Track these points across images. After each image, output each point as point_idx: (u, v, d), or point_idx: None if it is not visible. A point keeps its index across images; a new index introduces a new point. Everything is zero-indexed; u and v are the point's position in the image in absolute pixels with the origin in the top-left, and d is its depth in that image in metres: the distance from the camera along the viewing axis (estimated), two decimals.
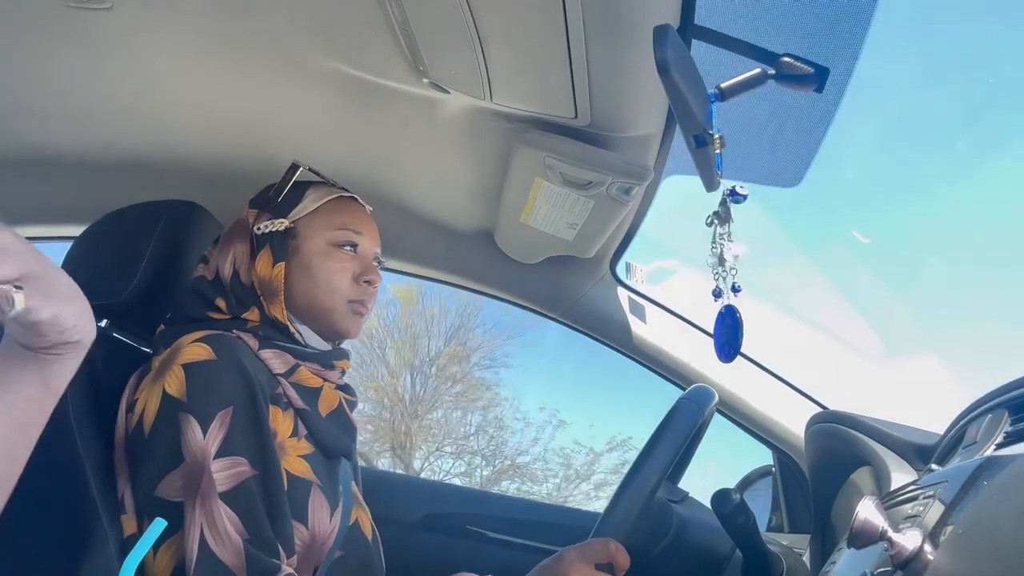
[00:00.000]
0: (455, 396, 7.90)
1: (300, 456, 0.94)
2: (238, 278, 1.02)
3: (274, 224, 1.03)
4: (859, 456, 0.99)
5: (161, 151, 1.21)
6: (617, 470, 7.41)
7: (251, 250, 1.03)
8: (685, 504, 1.02)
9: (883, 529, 0.55)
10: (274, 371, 0.96)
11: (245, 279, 1.01)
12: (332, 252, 1.03)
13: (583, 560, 0.86)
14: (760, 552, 0.91)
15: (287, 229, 1.03)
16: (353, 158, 1.23)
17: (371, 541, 1.04)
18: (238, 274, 1.02)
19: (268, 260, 1.01)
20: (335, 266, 1.03)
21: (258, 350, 0.96)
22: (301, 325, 1.03)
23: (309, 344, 1.03)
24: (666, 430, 0.96)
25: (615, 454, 7.45)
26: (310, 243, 1.03)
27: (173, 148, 1.21)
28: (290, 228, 1.03)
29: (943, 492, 0.58)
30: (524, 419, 7.96)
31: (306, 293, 1.02)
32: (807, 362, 1.60)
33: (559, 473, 7.60)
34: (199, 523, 0.82)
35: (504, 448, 7.69)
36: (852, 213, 10.27)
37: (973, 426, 0.76)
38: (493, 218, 1.33)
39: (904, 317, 12.52)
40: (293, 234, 1.03)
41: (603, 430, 7.95)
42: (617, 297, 1.49)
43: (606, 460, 7.54)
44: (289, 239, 1.03)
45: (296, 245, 1.03)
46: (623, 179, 1.05)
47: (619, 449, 7.42)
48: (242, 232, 1.04)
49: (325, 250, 1.03)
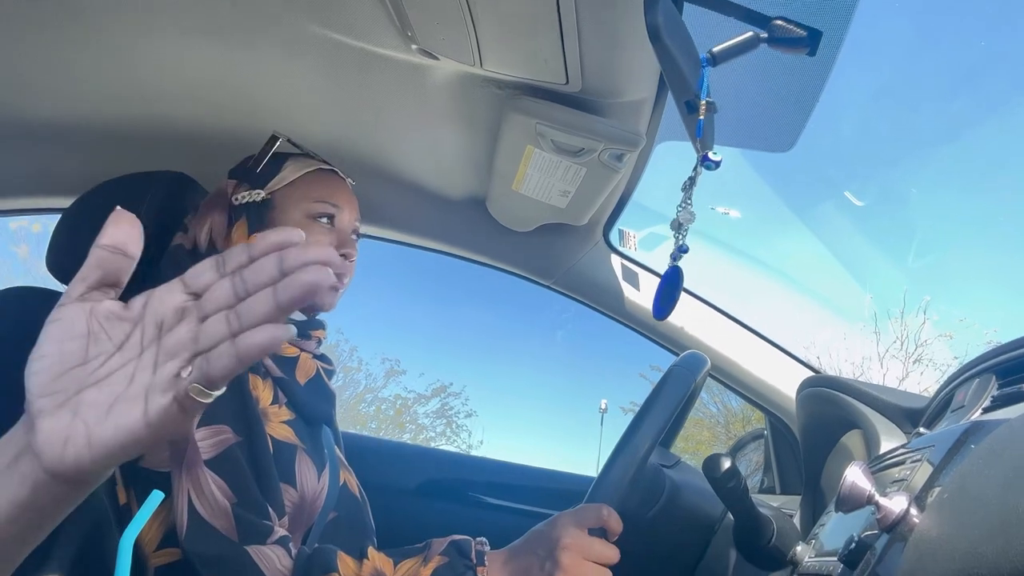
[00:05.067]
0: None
1: (282, 422, 0.96)
2: (214, 248, 1.03)
3: (252, 195, 1.04)
4: (849, 419, 1.00)
5: (149, 121, 1.20)
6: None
7: (228, 220, 1.04)
8: (677, 469, 1.03)
9: (870, 493, 0.56)
10: None
11: (221, 248, 1.02)
12: (308, 224, 1.04)
13: (576, 524, 0.87)
14: (751, 515, 0.92)
15: (264, 200, 1.04)
16: (342, 126, 1.21)
17: (360, 501, 1.06)
18: (214, 244, 1.03)
19: (244, 230, 1.02)
20: (311, 239, 1.03)
21: None
22: None
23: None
24: (659, 396, 0.96)
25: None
26: (287, 214, 1.03)
27: (161, 118, 1.19)
28: (267, 199, 1.04)
29: (930, 456, 0.59)
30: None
31: None
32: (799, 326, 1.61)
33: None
34: (186, 490, 0.83)
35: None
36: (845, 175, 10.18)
37: (961, 390, 0.76)
38: (485, 186, 1.32)
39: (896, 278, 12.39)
40: (270, 205, 1.04)
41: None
42: (610, 264, 1.49)
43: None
44: (266, 210, 1.03)
45: (273, 216, 1.03)
46: (615, 145, 1.04)
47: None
48: (220, 202, 1.05)
49: (301, 222, 1.03)
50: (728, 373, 1.49)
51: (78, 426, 0.42)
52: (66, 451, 0.42)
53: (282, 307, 0.42)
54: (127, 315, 0.45)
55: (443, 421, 13.36)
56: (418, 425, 13.28)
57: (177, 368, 0.43)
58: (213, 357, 0.42)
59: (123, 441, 0.42)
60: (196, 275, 0.45)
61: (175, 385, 0.42)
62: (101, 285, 0.45)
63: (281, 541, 0.85)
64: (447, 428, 13.29)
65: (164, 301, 0.45)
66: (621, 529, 0.89)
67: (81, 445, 0.42)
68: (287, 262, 0.42)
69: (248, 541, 0.83)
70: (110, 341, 0.44)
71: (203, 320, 0.43)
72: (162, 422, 0.42)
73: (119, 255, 0.45)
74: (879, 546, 0.55)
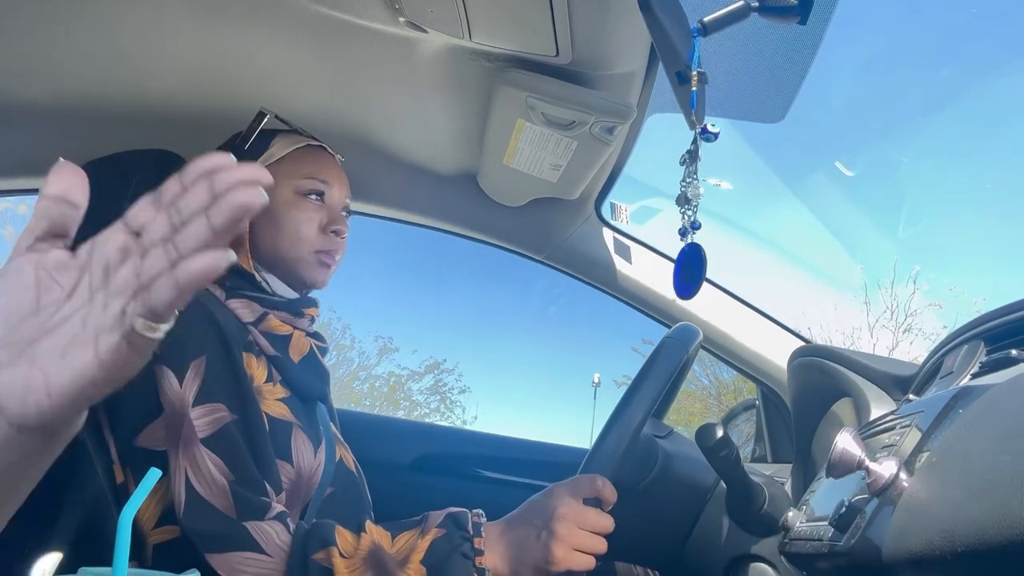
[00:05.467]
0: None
1: (277, 400, 0.96)
2: None
3: None
4: (840, 388, 1.01)
5: (134, 100, 1.18)
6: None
7: None
8: (670, 439, 1.05)
9: (860, 459, 0.57)
10: (243, 320, 0.98)
11: None
12: (298, 201, 1.03)
13: (572, 495, 0.88)
14: (743, 483, 0.94)
15: None
16: (330, 102, 1.20)
17: (357, 476, 1.07)
18: None
19: None
20: (301, 216, 1.03)
21: (225, 300, 0.98)
22: (268, 274, 1.04)
23: (277, 293, 1.04)
24: (651, 368, 0.97)
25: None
26: (276, 191, 1.02)
27: (146, 97, 1.18)
28: None
29: (919, 421, 0.60)
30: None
31: (272, 242, 1.02)
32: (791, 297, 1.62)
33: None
34: (183, 468, 0.84)
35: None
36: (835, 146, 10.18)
37: (950, 357, 0.77)
38: (475, 161, 1.32)
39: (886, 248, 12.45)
40: None
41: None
42: (602, 238, 1.49)
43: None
44: None
45: None
46: (606, 118, 1.04)
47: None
48: None
49: (291, 199, 1.03)
50: (720, 345, 1.50)
51: (36, 375, 0.42)
52: (27, 401, 0.42)
53: (217, 231, 0.41)
54: (74, 262, 0.45)
55: (437, 397, 13.44)
56: (412, 402, 13.36)
57: (122, 306, 0.43)
58: (154, 289, 0.42)
59: (80, 384, 0.42)
60: (135, 214, 0.45)
61: (122, 322, 0.42)
62: (48, 236, 0.45)
63: (279, 517, 0.86)
64: (441, 404, 13.38)
65: (108, 243, 0.44)
66: (615, 499, 0.90)
67: (41, 394, 0.42)
68: (217, 185, 0.42)
69: (246, 518, 0.83)
70: (60, 289, 0.44)
71: (144, 256, 0.43)
72: (114, 361, 0.42)
73: (63, 204, 0.45)
74: (869, 510, 0.56)
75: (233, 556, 0.81)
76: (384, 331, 16.94)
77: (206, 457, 0.85)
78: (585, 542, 0.86)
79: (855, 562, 0.56)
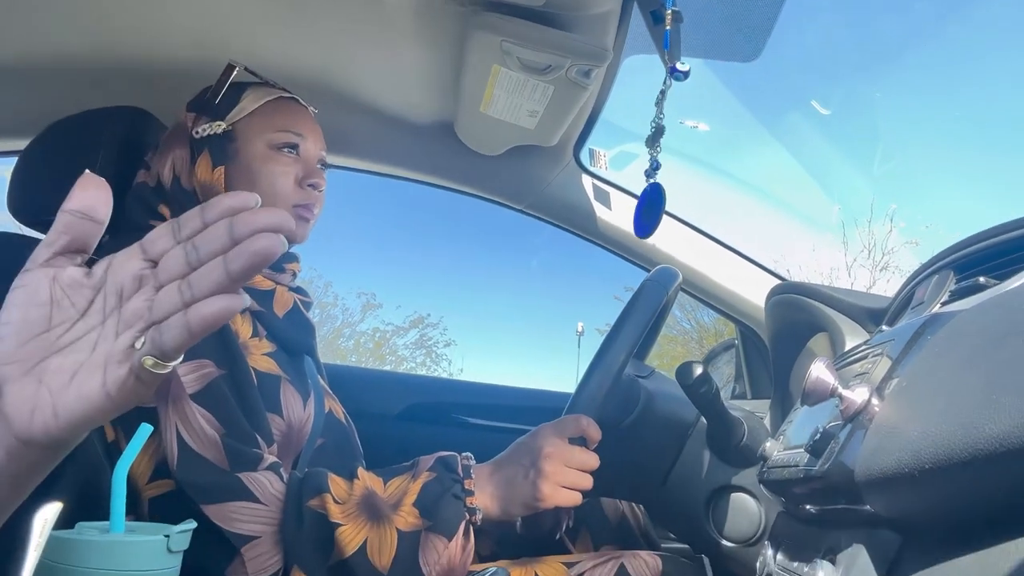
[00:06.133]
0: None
1: (264, 354, 0.97)
2: (179, 183, 1.01)
3: (212, 127, 1.01)
4: (815, 323, 1.04)
5: (100, 57, 1.15)
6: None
7: (191, 154, 1.02)
8: (652, 379, 1.07)
9: (833, 386, 0.59)
10: None
11: (186, 184, 1.01)
12: (273, 155, 1.02)
13: (558, 434, 0.91)
14: (723, 417, 0.96)
15: (225, 132, 1.01)
16: (300, 52, 1.18)
17: (347, 426, 1.09)
18: (179, 179, 1.01)
19: (208, 164, 1.00)
20: (276, 169, 1.02)
21: None
22: None
23: None
24: (632, 310, 0.99)
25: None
26: (250, 146, 1.01)
27: (115, 53, 1.15)
28: (228, 131, 1.02)
29: (890, 349, 0.62)
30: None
31: None
32: (769, 238, 1.64)
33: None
34: (174, 423, 0.85)
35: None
36: (810, 85, 10.13)
37: (921, 287, 0.79)
38: (452, 110, 1.30)
39: (862, 186, 12.53)
40: (232, 137, 1.02)
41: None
42: (582, 185, 1.50)
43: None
44: (228, 142, 1.01)
45: (236, 148, 1.01)
46: (582, 61, 1.03)
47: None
48: (181, 136, 1.03)
49: (265, 153, 1.02)
50: (699, 287, 1.53)
51: (43, 394, 0.42)
52: (34, 419, 0.42)
53: (233, 277, 0.40)
54: (89, 282, 0.44)
55: (423, 352, 13.50)
56: (398, 357, 13.42)
57: (131, 339, 0.42)
58: (165, 328, 0.41)
59: (85, 409, 0.42)
60: (152, 241, 0.44)
61: (130, 356, 0.42)
62: (67, 251, 0.44)
63: (272, 467, 0.87)
64: (427, 358, 13.45)
65: (124, 268, 0.44)
66: (600, 437, 0.93)
67: (48, 414, 0.42)
68: (237, 229, 0.41)
69: (239, 469, 0.85)
70: (73, 308, 0.44)
71: (158, 289, 0.43)
72: (121, 393, 0.42)
73: (86, 220, 0.44)
74: (842, 435, 0.59)
75: (228, 506, 0.83)
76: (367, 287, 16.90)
77: (196, 412, 0.85)
78: (571, 479, 0.89)
79: (829, 484, 0.58)
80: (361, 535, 0.83)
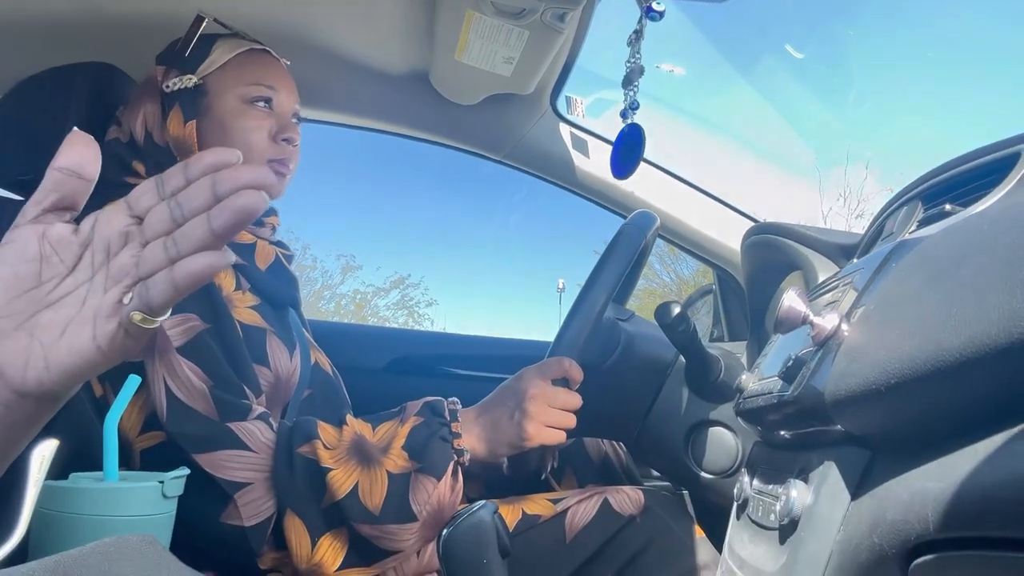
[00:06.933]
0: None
1: (248, 307, 0.97)
2: (151, 139, 1.00)
3: (182, 81, 1.00)
4: (790, 261, 1.06)
5: (69, 12, 1.12)
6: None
7: (162, 109, 1.00)
8: (631, 321, 1.09)
9: (805, 314, 0.61)
10: None
11: (159, 139, 1.00)
12: (245, 109, 1.01)
13: (541, 376, 0.93)
14: (701, 355, 0.99)
15: (196, 86, 1.00)
16: (272, 3, 1.16)
17: (333, 377, 1.11)
18: (151, 135, 1.00)
19: (179, 119, 0.99)
20: (250, 124, 1.00)
21: None
22: None
23: None
24: (611, 254, 1.00)
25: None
26: (222, 100, 1.00)
27: (81, 7, 1.12)
28: (199, 84, 1.00)
29: (858, 278, 0.64)
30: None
31: None
32: (743, 181, 1.65)
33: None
34: (161, 376, 0.85)
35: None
36: (785, 28, 10.05)
37: (891, 219, 0.81)
38: (427, 58, 1.29)
39: (836, 129, 12.56)
40: (203, 91, 1.00)
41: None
42: (559, 133, 1.50)
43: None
44: (200, 96, 1.00)
45: (208, 103, 1.00)
46: (556, 4, 1.02)
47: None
48: (151, 90, 1.01)
49: (238, 107, 1.00)
50: (677, 232, 1.54)
51: (35, 347, 0.43)
52: (27, 372, 0.43)
53: (217, 234, 0.41)
54: (77, 239, 0.45)
55: (404, 312, 13.53)
56: (380, 318, 13.44)
57: (120, 295, 0.43)
58: (151, 284, 0.42)
59: (76, 362, 0.43)
60: (137, 197, 0.45)
61: (119, 311, 0.43)
62: (56, 208, 0.45)
63: (261, 416, 0.88)
64: (409, 319, 13.49)
65: (110, 223, 0.45)
66: (582, 378, 0.95)
67: (40, 367, 0.43)
68: (220, 186, 0.42)
69: (229, 419, 0.86)
70: (62, 264, 0.44)
71: (144, 245, 0.43)
72: (111, 346, 0.43)
73: (75, 177, 0.45)
74: (813, 361, 0.61)
75: (220, 454, 0.85)
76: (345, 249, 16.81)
77: (183, 365, 0.86)
78: (555, 419, 0.92)
79: (801, 408, 0.61)
80: (352, 478, 0.86)
